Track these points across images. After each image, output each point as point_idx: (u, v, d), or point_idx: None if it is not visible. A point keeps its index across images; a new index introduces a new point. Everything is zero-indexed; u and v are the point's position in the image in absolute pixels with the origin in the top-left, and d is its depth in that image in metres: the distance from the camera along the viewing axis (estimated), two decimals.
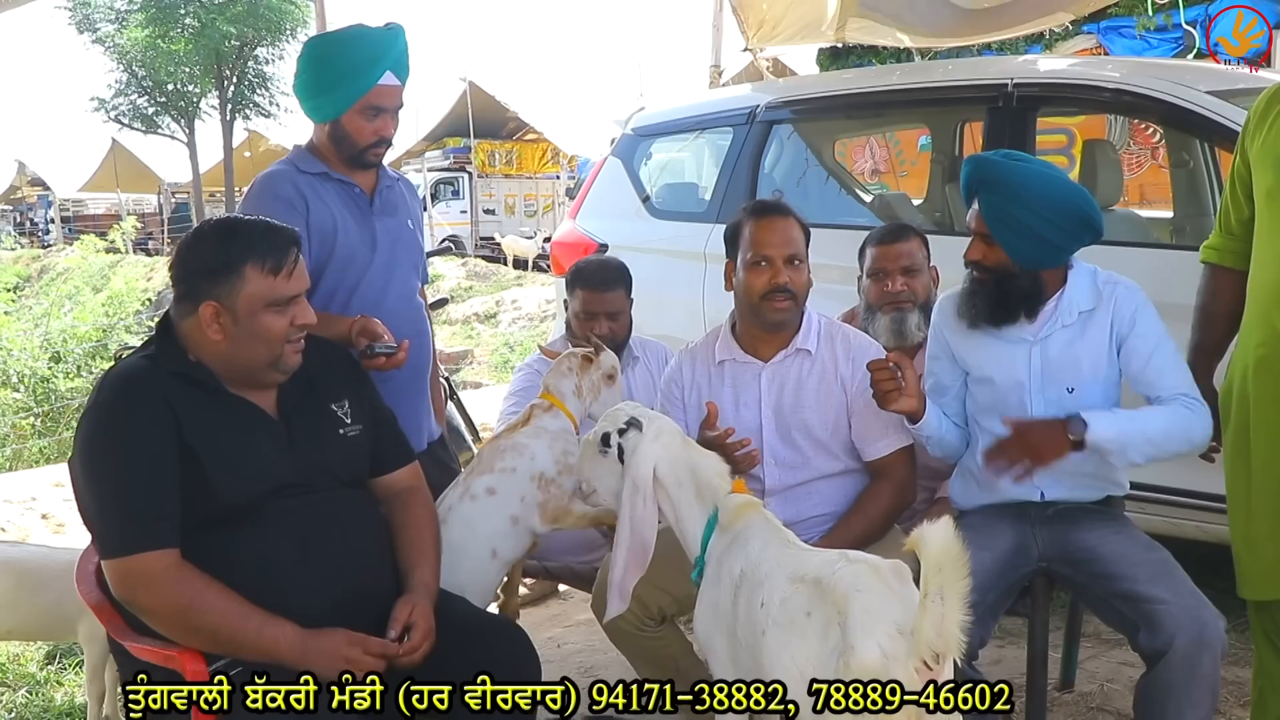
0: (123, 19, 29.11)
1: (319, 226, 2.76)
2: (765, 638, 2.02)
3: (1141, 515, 3.01)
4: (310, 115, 2.84)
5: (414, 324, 2.93)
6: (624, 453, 2.29)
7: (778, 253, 2.68)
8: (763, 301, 2.69)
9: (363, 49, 2.74)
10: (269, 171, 2.87)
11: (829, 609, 1.92)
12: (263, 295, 2.11)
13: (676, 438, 2.33)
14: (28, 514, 5.85)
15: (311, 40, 2.88)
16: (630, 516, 2.25)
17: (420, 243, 3.08)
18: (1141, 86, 3.74)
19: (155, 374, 2.12)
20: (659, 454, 2.26)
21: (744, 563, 2.14)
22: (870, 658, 1.82)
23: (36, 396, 10.16)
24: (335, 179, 2.83)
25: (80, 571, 2.27)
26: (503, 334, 14.83)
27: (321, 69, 2.79)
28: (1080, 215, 2.51)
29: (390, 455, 2.41)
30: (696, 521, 2.27)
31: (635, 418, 2.33)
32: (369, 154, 2.83)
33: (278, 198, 2.72)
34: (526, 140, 28.66)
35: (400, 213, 2.96)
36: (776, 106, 4.78)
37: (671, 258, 4.73)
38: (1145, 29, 8.75)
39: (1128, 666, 3.32)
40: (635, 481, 2.25)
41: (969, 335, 2.65)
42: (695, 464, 2.30)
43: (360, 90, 2.73)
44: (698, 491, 2.28)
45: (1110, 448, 2.43)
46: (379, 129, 2.79)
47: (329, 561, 2.15)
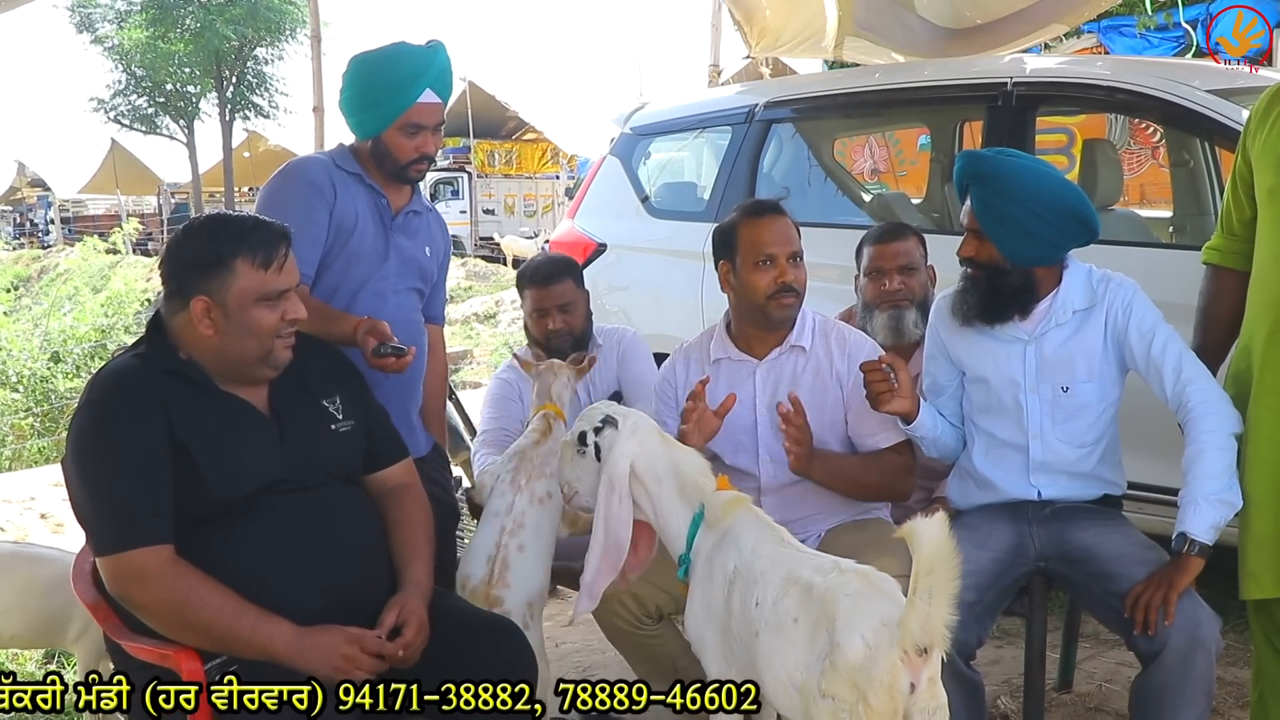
0: (122, 19, 29.12)
1: (340, 218, 2.77)
2: (758, 639, 2.03)
3: (1139, 515, 3.01)
4: (354, 131, 2.86)
5: (408, 341, 2.92)
6: (600, 451, 2.28)
7: (781, 251, 2.69)
8: (769, 301, 2.70)
9: (404, 67, 2.75)
10: (305, 156, 2.89)
11: (818, 614, 1.92)
12: (254, 289, 2.11)
13: (654, 435, 2.32)
14: (27, 513, 5.85)
15: (355, 58, 2.89)
16: (605, 515, 2.23)
17: (434, 273, 3.03)
18: (1142, 85, 3.73)
19: (146, 371, 2.12)
20: (635, 451, 2.25)
21: (737, 559, 2.13)
22: (854, 654, 1.83)
23: (36, 397, 10.14)
24: (368, 184, 2.84)
25: (77, 570, 2.27)
26: (502, 334, 14.82)
27: (364, 87, 2.80)
28: (1072, 212, 2.51)
29: (383, 451, 2.41)
30: (680, 519, 2.25)
31: (611, 415, 2.32)
32: (410, 170, 2.84)
33: (308, 181, 2.73)
34: (526, 140, 28.65)
35: (420, 239, 2.95)
36: (775, 105, 4.77)
37: (670, 257, 4.72)
38: (1146, 28, 8.75)
39: (1125, 667, 3.32)
40: (611, 479, 2.24)
41: (965, 334, 2.65)
42: (676, 461, 2.29)
43: (401, 107, 2.74)
44: (680, 489, 2.26)
45: (1224, 521, 2.34)
46: (420, 146, 2.80)
47: (323, 558, 2.15)
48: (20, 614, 3.10)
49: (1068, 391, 2.55)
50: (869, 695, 1.82)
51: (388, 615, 2.15)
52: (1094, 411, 2.57)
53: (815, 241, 2.82)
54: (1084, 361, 2.55)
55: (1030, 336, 2.57)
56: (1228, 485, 2.34)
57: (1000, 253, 2.53)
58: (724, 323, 2.87)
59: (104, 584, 2.08)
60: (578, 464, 2.34)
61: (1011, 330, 2.59)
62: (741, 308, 2.79)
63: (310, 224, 2.67)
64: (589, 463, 2.31)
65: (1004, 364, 2.60)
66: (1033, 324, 2.57)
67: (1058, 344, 2.56)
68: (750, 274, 2.70)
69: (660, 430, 2.36)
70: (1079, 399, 2.55)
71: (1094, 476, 2.60)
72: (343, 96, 2.86)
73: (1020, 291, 2.55)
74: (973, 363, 2.65)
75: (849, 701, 1.84)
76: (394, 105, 2.74)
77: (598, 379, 3.38)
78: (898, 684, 1.83)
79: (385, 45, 2.84)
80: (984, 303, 2.57)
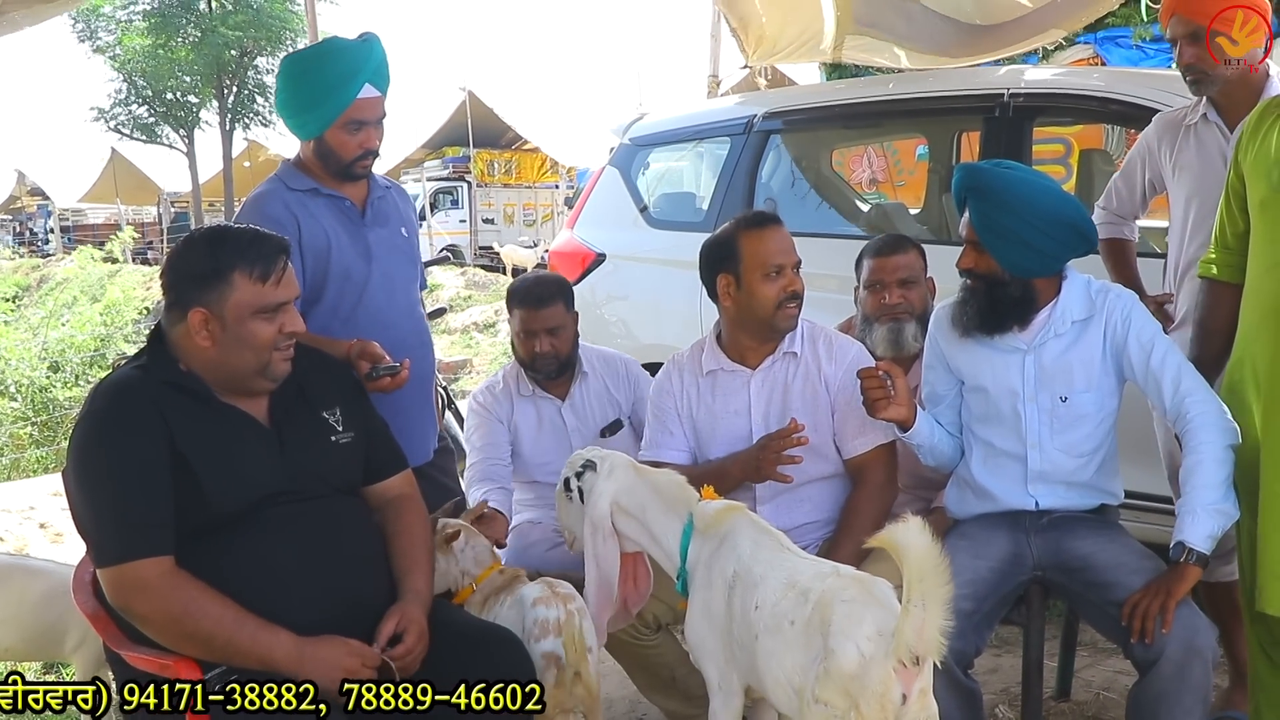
0: (124, 28, 29.13)
1: (311, 245, 2.76)
2: (758, 642, 2.05)
3: (1136, 525, 3.01)
4: (295, 132, 2.84)
5: (417, 336, 2.94)
6: (583, 494, 2.41)
7: (788, 261, 2.72)
8: (778, 311, 2.72)
9: (339, 64, 2.72)
10: (258, 192, 2.85)
11: (814, 619, 1.94)
12: (251, 302, 2.12)
13: (629, 469, 2.42)
14: (26, 523, 5.86)
15: (288, 58, 2.86)
16: (594, 554, 2.35)
17: (417, 249, 3.07)
18: (1138, 96, 3.75)
19: (147, 383, 2.13)
20: (614, 489, 2.37)
21: (736, 564, 2.17)
22: (848, 661, 1.86)
23: (34, 406, 10.15)
24: (325, 194, 2.82)
25: (77, 580, 2.27)
26: (502, 343, 14.81)
27: (299, 87, 2.78)
28: (1070, 224, 2.52)
29: (383, 463, 2.41)
30: (671, 536, 2.33)
31: (590, 460, 2.45)
32: (355, 167, 2.82)
33: (266, 218, 2.68)
34: (525, 150, 28.65)
35: (393, 221, 2.95)
36: (774, 116, 4.79)
37: (669, 267, 4.72)
38: (1142, 39, 8.76)
39: (1123, 675, 3.32)
40: (594, 520, 2.36)
41: (964, 344, 2.66)
42: (654, 484, 2.39)
43: (340, 106, 2.71)
44: (665, 507, 2.35)
45: (1221, 531, 2.35)
46: (363, 142, 2.78)
47: (323, 568, 2.15)
48: (15, 626, 3.11)
49: (1066, 401, 2.56)
50: (861, 704, 1.85)
51: (387, 623, 2.15)
52: (1092, 421, 2.58)
53: (813, 252, 2.84)
54: (1082, 371, 2.56)
55: (1029, 346, 2.58)
56: (1225, 495, 2.35)
57: (999, 264, 2.54)
58: (713, 334, 2.88)
59: (104, 594, 2.09)
60: (568, 509, 2.49)
61: (1010, 340, 2.59)
62: (743, 319, 2.79)
63: None
64: (576, 506, 2.44)
65: (1003, 374, 2.61)
66: (1031, 334, 2.58)
67: (1056, 354, 2.57)
68: (759, 285, 2.71)
69: (634, 463, 2.46)
70: (1077, 409, 2.56)
71: (1092, 486, 2.61)
72: (279, 99, 2.83)
73: (1019, 302, 2.56)
74: (972, 372, 2.66)
75: (841, 709, 1.87)
76: (334, 104, 2.72)
77: (587, 406, 3.37)
78: (890, 694, 1.86)
79: (318, 42, 2.81)
80: (983, 313, 2.58)
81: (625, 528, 2.38)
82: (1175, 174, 3.08)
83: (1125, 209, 3.32)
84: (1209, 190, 2.81)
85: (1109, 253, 3.32)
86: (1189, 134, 3.04)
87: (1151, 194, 3.26)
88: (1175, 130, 3.09)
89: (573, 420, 3.34)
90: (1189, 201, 3.02)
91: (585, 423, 3.35)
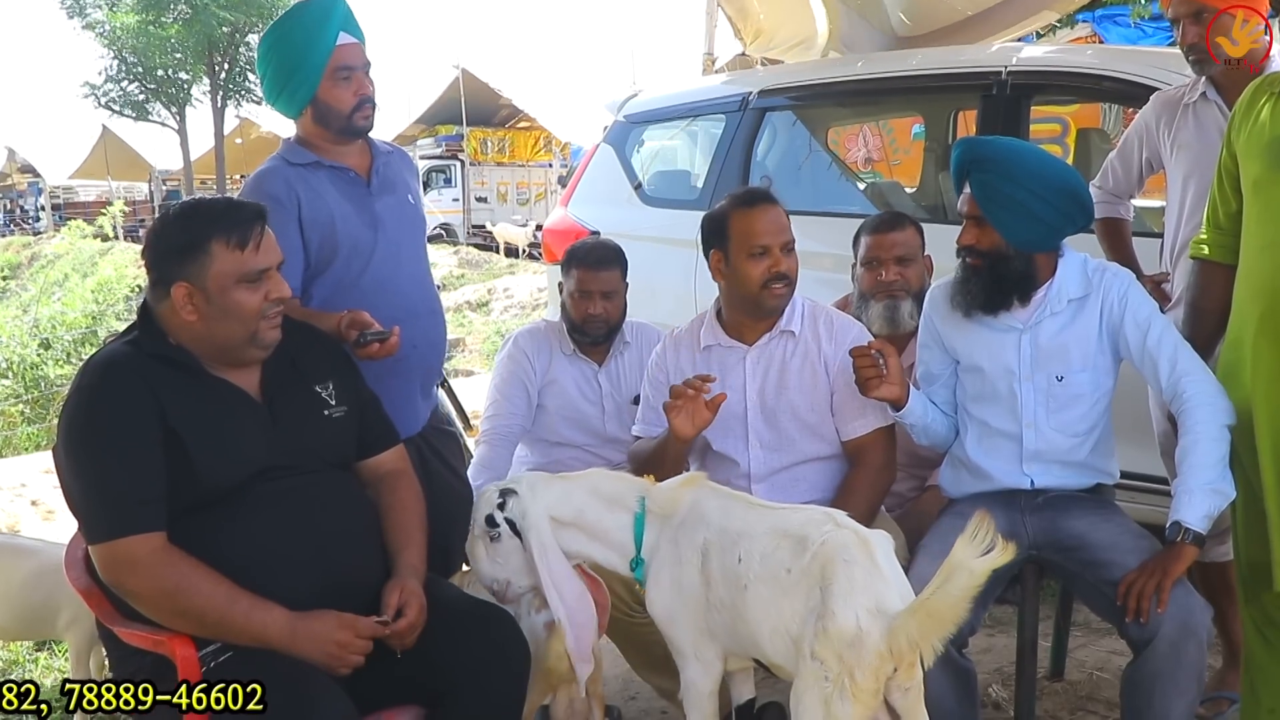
0: (114, 4, 28.95)
1: (314, 220, 2.74)
2: (748, 592, 2.06)
3: (1131, 504, 3.01)
4: (289, 108, 2.81)
5: (426, 304, 2.93)
6: (515, 524, 2.28)
7: (775, 241, 2.68)
8: (763, 290, 2.70)
9: (309, 16, 2.73)
10: (260, 170, 2.84)
11: (814, 569, 1.95)
12: (232, 271, 2.10)
13: (554, 480, 2.35)
14: (17, 500, 5.85)
15: (261, 41, 2.87)
16: (551, 579, 2.23)
17: (423, 216, 3.06)
18: (1135, 74, 3.73)
19: (137, 358, 2.11)
20: (547, 503, 2.28)
21: (706, 532, 2.18)
22: (846, 626, 1.91)
23: (26, 383, 10.11)
24: (328, 166, 2.80)
25: (69, 557, 2.26)
26: (495, 322, 14.83)
27: (277, 54, 2.77)
28: (1072, 192, 2.51)
29: (376, 437, 2.40)
30: (620, 529, 2.29)
31: (505, 488, 2.32)
32: (356, 118, 2.79)
33: (266, 196, 2.66)
34: (519, 128, 28.59)
35: (400, 189, 2.93)
36: (769, 94, 4.76)
37: (664, 245, 4.71)
38: (1140, 17, 8.75)
39: (1117, 655, 3.33)
40: (541, 543, 2.24)
41: (960, 323, 2.64)
42: (590, 485, 2.33)
43: (322, 57, 2.71)
44: (608, 503, 2.30)
45: (1217, 511, 2.34)
46: (356, 89, 2.76)
47: (316, 544, 2.14)
48: (4, 605, 3.10)
49: (1062, 381, 2.55)
50: (855, 672, 1.90)
51: (390, 597, 2.15)
52: (1088, 401, 2.57)
53: (809, 230, 2.82)
54: (1078, 351, 2.55)
55: (1025, 325, 2.57)
56: (1221, 475, 2.35)
57: (1002, 237, 2.52)
58: (714, 310, 2.87)
59: (96, 571, 2.07)
60: (496, 551, 2.31)
61: (1006, 319, 2.58)
62: (734, 296, 2.78)
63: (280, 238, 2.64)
64: (508, 542, 2.29)
65: (999, 353, 2.60)
66: (1028, 313, 2.57)
67: (1053, 333, 2.56)
68: (744, 264, 2.70)
69: (551, 474, 2.40)
70: (1073, 388, 2.55)
71: (1087, 466, 2.61)
72: (265, 80, 2.83)
73: (1022, 277, 2.54)
74: (967, 351, 2.65)
75: (835, 672, 1.91)
76: (316, 57, 2.71)
77: (622, 375, 3.37)
78: (883, 668, 1.92)
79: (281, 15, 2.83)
80: (988, 290, 2.55)
81: (563, 540, 2.29)
82: (1173, 153, 3.07)
83: (1121, 188, 3.31)
84: (1207, 169, 2.79)
85: (1104, 232, 3.31)
86: (1188, 112, 3.03)
87: (1148, 173, 3.25)
88: (1174, 109, 3.08)
89: (607, 385, 3.35)
90: (1186, 180, 3.01)
91: (619, 389, 3.35)
